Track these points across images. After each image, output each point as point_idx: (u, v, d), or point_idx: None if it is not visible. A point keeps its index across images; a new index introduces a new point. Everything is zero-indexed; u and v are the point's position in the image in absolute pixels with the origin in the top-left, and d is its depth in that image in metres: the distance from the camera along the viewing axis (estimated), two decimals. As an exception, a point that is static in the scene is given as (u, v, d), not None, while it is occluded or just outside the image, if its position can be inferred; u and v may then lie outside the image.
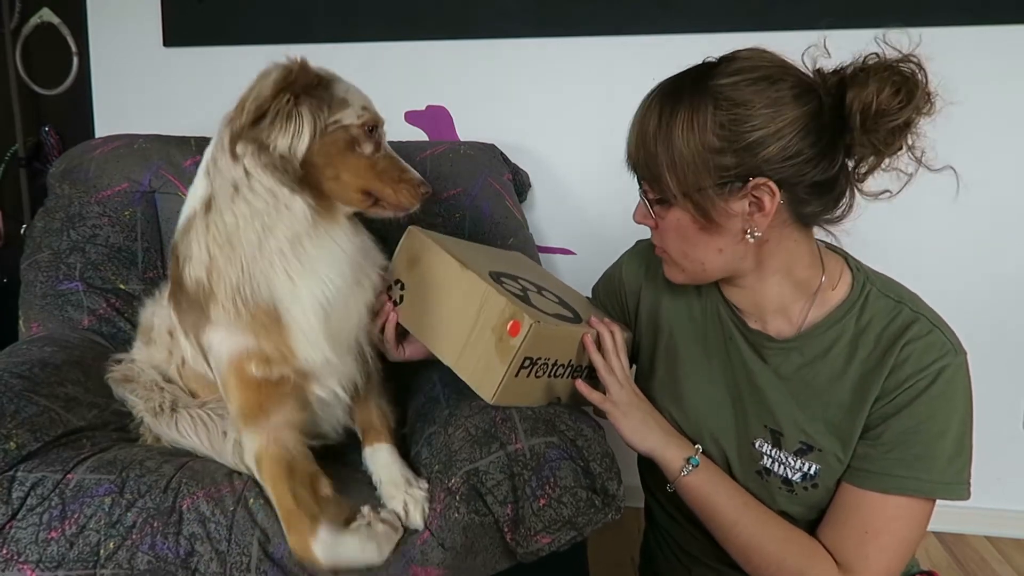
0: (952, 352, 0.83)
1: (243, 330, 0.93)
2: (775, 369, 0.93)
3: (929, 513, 0.85)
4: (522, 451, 0.92)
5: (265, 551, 0.88)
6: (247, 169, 0.90)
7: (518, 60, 1.84)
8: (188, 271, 0.96)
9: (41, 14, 1.98)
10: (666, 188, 0.84)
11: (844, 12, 1.64)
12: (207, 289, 0.94)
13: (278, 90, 0.89)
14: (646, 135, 0.85)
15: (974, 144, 1.69)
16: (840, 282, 0.91)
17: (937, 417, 0.83)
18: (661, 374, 1.04)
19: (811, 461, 0.89)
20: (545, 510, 0.90)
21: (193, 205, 0.97)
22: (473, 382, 0.94)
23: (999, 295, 1.79)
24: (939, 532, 1.89)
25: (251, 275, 0.91)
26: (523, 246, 1.51)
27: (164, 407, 1.10)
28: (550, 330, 0.91)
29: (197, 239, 0.94)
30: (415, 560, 0.89)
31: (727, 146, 0.80)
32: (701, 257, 0.89)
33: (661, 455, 0.95)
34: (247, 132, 0.90)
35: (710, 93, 0.80)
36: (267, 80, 0.90)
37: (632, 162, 0.89)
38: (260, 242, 0.91)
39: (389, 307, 1.02)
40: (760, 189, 0.81)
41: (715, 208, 0.83)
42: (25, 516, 0.88)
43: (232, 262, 0.92)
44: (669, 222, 0.88)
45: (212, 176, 0.94)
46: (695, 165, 0.81)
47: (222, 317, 0.93)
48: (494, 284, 0.94)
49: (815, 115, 0.80)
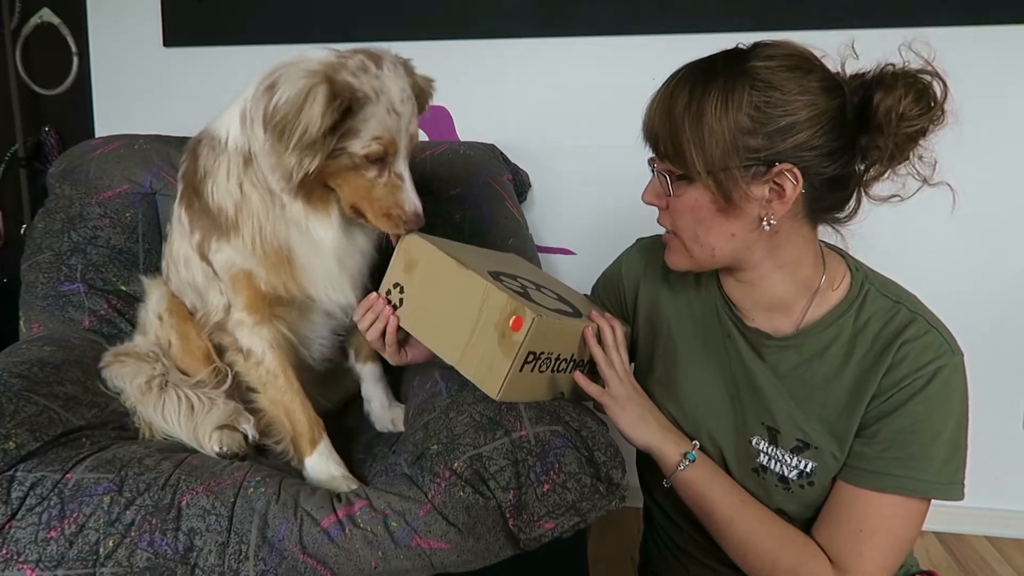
0: (949, 352, 0.84)
1: (258, 263, 1.06)
2: (773, 367, 0.93)
3: (924, 513, 0.85)
4: (527, 438, 0.93)
5: (263, 536, 0.88)
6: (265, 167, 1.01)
7: (518, 60, 1.84)
8: (211, 189, 1.05)
9: (41, 14, 1.98)
10: (690, 164, 0.83)
11: (844, 12, 1.64)
12: (231, 219, 1.05)
13: (326, 129, 0.92)
14: (673, 109, 0.84)
15: (974, 144, 1.69)
16: (840, 282, 0.92)
17: (933, 417, 0.83)
18: (659, 371, 1.04)
19: (807, 459, 0.89)
20: (549, 495, 0.90)
21: (227, 139, 1.04)
22: (478, 379, 0.94)
23: (998, 296, 1.79)
24: (939, 532, 1.89)
25: (274, 226, 1.05)
26: (523, 246, 1.51)
27: (153, 384, 1.13)
28: (552, 324, 0.92)
29: (228, 173, 1.03)
30: (419, 531, 0.89)
31: (758, 128, 0.80)
32: (713, 241, 0.88)
33: (658, 449, 0.95)
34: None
35: (747, 74, 0.81)
36: (314, 109, 0.90)
37: (652, 137, 0.88)
38: (287, 205, 1.03)
39: (388, 311, 1.02)
40: (783, 176, 0.81)
41: (736, 190, 0.83)
42: (24, 516, 0.88)
43: (260, 213, 1.04)
44: (686, 201, 0.87)
45: (250, 138, 1.01)
46: (724, 143, 0.81)
47: (240, 247, 1.05)
48: (494, 282, 0.94)
49: (841, 110, 0.81)
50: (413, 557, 0.88)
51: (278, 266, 1.06)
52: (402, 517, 0.90)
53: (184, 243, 1.18)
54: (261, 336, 1.11)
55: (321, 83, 0.90)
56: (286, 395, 1.11)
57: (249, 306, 1.10)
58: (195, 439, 1.10)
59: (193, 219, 1.12)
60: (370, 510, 0.91)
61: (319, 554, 0.87)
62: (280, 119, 0.91)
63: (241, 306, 1.10)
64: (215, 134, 1.07)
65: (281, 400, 1.11)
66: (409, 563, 0.88)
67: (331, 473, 1.08)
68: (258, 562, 0.87)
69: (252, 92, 0.98)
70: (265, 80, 0.95)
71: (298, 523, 0.90)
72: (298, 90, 0.90)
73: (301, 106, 0.90)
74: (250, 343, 1.11)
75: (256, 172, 1.02)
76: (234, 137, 1.03)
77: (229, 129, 1.04)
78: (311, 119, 0.90)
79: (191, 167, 1.12)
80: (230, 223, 1.05)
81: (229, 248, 1.07)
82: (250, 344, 1.11)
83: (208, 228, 1.10)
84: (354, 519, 0.90)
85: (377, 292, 1.03)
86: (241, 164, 1.03)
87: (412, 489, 0.94)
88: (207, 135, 1.09)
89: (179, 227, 1.19)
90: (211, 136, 1.08)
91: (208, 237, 1.10)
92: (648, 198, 0.93)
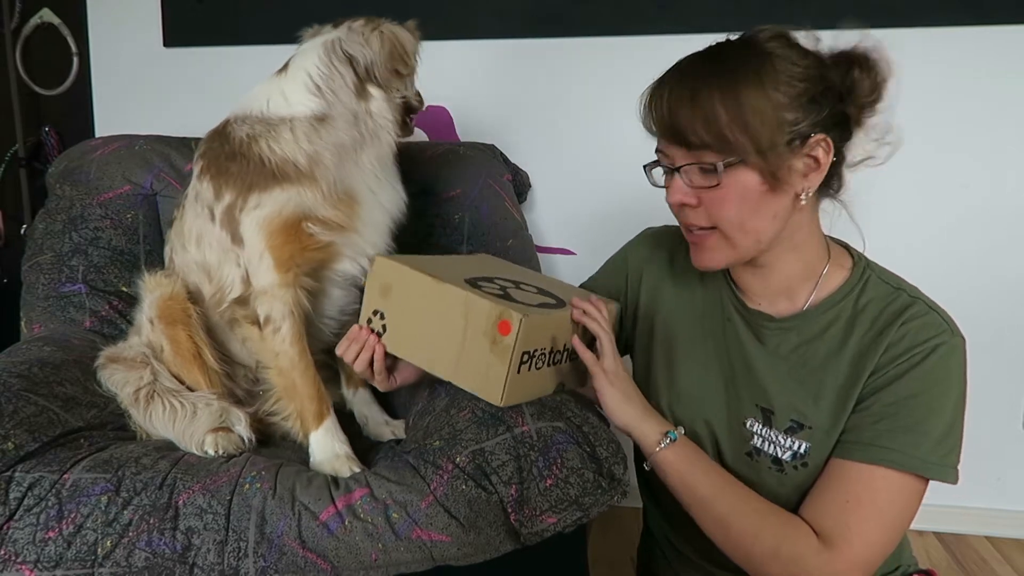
0: (948, 332, 0.83)
1: (322, 203, 1.13)
2: (773, 349, 0.93)
3: (916, 493, 0.83)
4: (529, 433, 0.94)
5: (262, 532, 0.88)
6: (372, 109, 1.17)
7: (518, 60, 1.84)
8: (265, 147, 1.12)
9: (41, 14, 1.98)
10: (739, 148, 0.82)
11: (845, 12, 1.64)
12: (303, 168, 1.12)
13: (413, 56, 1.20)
14: (700, 99, 0.82)
15: (974, 144, 1.69)
16: (842, 268, 0.93)
17: (929, 392, 0.82)
18: (657, 357, 1.05)
19: (801, 439, 0.89)
20: (552, 490, 0.91)
21: (292, 110, 1.14)
22: (477, 389, 0.94)
23: (999, 295, 1.78)
24: (939, 532, 1.88)
25: (345, 173, 1.15)
26: (522, 247, 1.51)
27: (140, 395, 1.14)
28: (540, 320, 0.92)
29: (294, 133, 1.13)
30: (419, 523, 0.89)
31: (792, 102, 0.82)
32: (759, 225, 0.87)
33: (637, 428, 0.94)
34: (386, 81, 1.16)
35: (767, 53, 0.83)
36: (410, 44, 1.18)
37: (676, 131, 0.85)
38: (357, 157, 1.17)
39: (373, 340, 1.01)
40: (818, 146, 0.83)
41: (783, 167, 0.83)
42: (23, 516, 0.88)
43: (338, 164, 1.14)
44: (732, 189, 0.84)
45: (330, 101, 1.14)
46: (769, 122, 0.81)
47: (306, 191, 1.12)
48: (473, 290, 0.93)
49: (834, 85, 0.85)
50: (413, 549, 0.88)
51: (341, 204, 1.15)
52: (403, 508, 0.90)
53: (199, 219, 1.19)
54: (283, 300, 1.13)
55: (391, 25, 1.18)
56: (297, 366, 1.13)
57: (279, 263, 1.13)
58: (190, 445, 1.10)
59: (224, 183, 1.15)
60: (371, 499, 0.91)
61: (319, 548, 0.88)
62: (389, 55, 1.15)
63: (270, 265, 1.13)
64: (260, 113, 1.15)
65: (291, 371, 1.13)
66: (409, 555, 0.88)
67: (335, 451, 1.09)
68: (258, 559, 0.87)
69: (315, 70, 1.14)
70: (326, 55, 1.15)
71: (296, 517, 0.90)
72: (382, 35, 1.16)
73: (400, 38, 1.17)
74: (270, 308, 1.13)
75: (331, 127, 1.13)
76: (304, 105, 1.14)
77: (291, 101, 1.14)
78: (412, 41, 1.18)
79: (219, 144, 1.17)
80: (300, 172, 1.12)
81: (284, 194, 1.12)
82: (270, 310, 1.13)
83: (250, 184, 1.13)
84: (354, 510, 0.90)
85: (359, 324, 1.02)
86: (312, 123, 1.13)
87: (415, 478, 0.94)
88: (240, 117, 1.16)
89: (194, 205, 1.21)
90: (249, 116, 1.16)
91: (246, 194, 1.13)
92: (677, 198, 0.88)
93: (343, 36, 1.16)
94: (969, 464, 0.84)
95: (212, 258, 1.19)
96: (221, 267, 1.18)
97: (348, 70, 1.15)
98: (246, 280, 1.15)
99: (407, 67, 1.18)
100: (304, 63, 1.16)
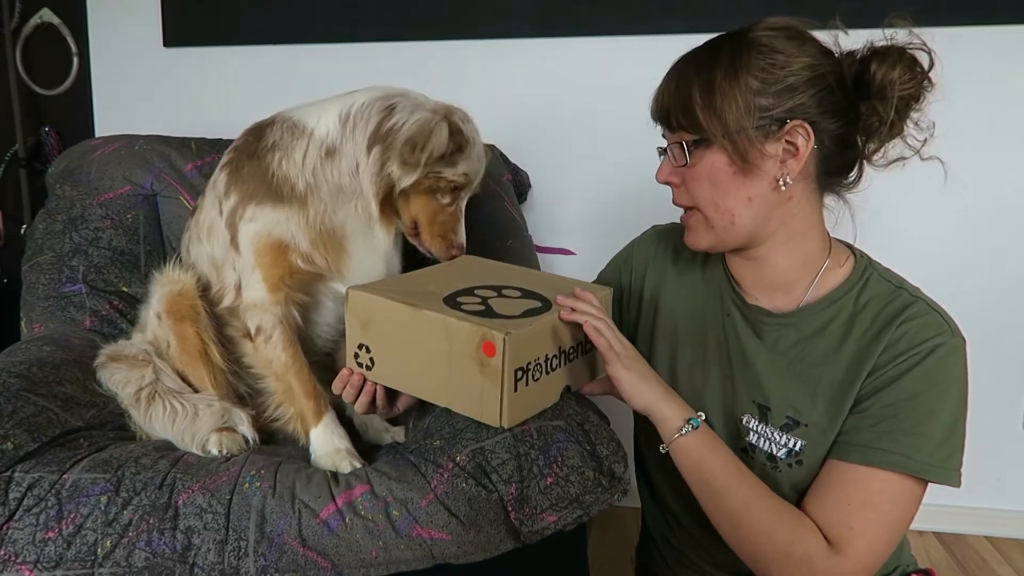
0: (948, 332, 0.83)
1: (307, 236, 1.12)
2: (771, 344, 0.93)
3: (918, 496, 0.83)
4: (529, 432, 0.94)
5: (262, 531, 0.88)
6: (361, 169, 1.11)
7: (518, 60, 1.85)
8: (278, 159, 1.12)
9: (41, 14, 1.98)
10: (705, 128, 0.86)
11: (845, 12, 1.64)
12: (298, 192, 1.11)
13: (445, 153, 1.10)
14: (682, 82, 0.88)
15: (975, 144, 1.69)
16: (843, 266, 0.93)
17: (929, 394, 0.82)
18: (659, 351, 1.05)
19: (797, 437, 0.89)
20: (552, 488, 0.91)
21: (313, 129, 1.13)
22: (475, 414, 0.92)
23: (999, 295, 1.78)
24: (939, 532, 1.88)
25: (336, 212, 1.13)
26: (522, 247, 1.51)
27: (141, 396, 1.13)
28: (526, 333, 0.88)
29: (306, 156, 1.12)
30: (420, 521, 0.89)
31: (766, 88, 0.84)
32: (731, 206, 0.89)
33: (659, 410, 0.91)
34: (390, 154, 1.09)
35: (751, 42, 0.86)
36: (442, 136, 1.09)
37: (663, 113, 0.91)
38: (356, 203, 1.13)
39: (367, 384, 1.01)
40: (795, 132, 0.85)
41: (752, 150, 0.85)
42: (22, 517, 0.88)
43: (327, 197, 1.12)
44: (702, 168, 0.89)
45: (345, 137, 1.11)
46: (736, 106, 0.84)
47: (295, 216, 1.11)
48: (452, 312, 0.90)
49: (840, 72, 0.86)
50: (414, 547, 0.89)
51: (328, 245, 1.13)
52: (404, 506, 0.90)
53: (212, 210, 1.20)
54: (274, 313, 1.13)
55: (443, 120, 1.09)
56: (291, 368, 1.14)
57: (269, 283, 1.13)
58: (192, 446, 1.09)
59: (234, 183, 1.16)
60: (371, 497, 0.91)
61: (319, 546, 0.88)
62: (411, 136, 1.07)
63: (258, 281, 1.13)
64: (298, 121, 1.14)
65: (286, 374, 1.14)
66: (410, 553, 0.89)
67: (335, 446, 1.10)
68: (258, 558, 0.87)
69: (360, 103, 1.11)
70: (380, 101, 1.10)
71: (296, 516, 0.90)
72: (426, 119, 1.08)
73: (432, 131, 1.07)
74: (261, 320, 1.13)
75: (335, 165, 1.11)
76: (325, 130, 1.12)
77: (320, 121, 1.13)
78: (440, 142, 1.08)
79: (251, 140, 1.17)
80: (294, 195, 1.11)
81: (275, 214, 1.11)
82: (260, 321, 1.13)
83: (251, 193, 1.13)
84: (355, 507, 0.90)
85: (347, 366, 1.01)
86: (322, 154, 1.11)
87: (415, 476, 0.94)
88: (284, 119, 1.16)
89: (212, 193, 1.21)
90: (290, 121, 1.15)
91: (246, 202, 1.13)
92: (663, 176, 0.95)
93: (404, 98, 1.11)
94: (969, 464, 0.84)
95: (218, 253, 1.19)
96: (223, 266, 1.18)
97: (376, 120, 1.10)
98: (238, 288, 1.15)
99: (413, 158, 1.08)
100: (358, 95, 1.13)
